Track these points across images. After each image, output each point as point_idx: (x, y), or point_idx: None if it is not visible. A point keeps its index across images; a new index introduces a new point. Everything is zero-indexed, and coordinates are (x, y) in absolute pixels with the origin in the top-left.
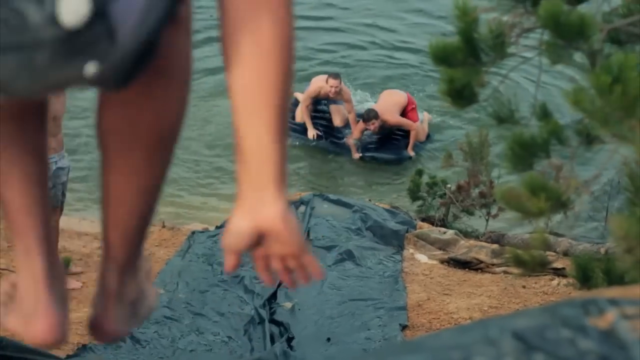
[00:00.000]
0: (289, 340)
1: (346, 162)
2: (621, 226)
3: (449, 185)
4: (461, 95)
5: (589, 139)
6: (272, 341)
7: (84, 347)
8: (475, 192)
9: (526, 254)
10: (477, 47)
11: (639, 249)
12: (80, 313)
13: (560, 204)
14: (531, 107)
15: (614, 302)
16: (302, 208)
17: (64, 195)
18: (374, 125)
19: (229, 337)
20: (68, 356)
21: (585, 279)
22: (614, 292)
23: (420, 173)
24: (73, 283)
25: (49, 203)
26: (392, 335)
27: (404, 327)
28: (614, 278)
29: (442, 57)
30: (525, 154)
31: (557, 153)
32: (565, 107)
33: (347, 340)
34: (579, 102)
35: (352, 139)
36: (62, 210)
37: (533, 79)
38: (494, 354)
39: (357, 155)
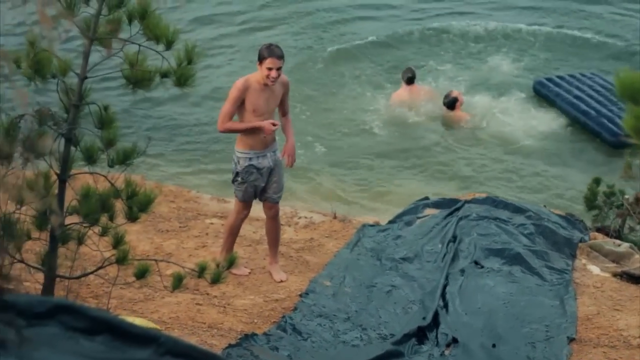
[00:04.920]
0: (454, 342)
1: None
2: None
3: (627, 196)
4: None
5: None
6: (437, 343)
7: (246, 337)
8: None
9: None
10: None
11: None
12: (246, 300)
13: None
14: None
15: None
16: (475, 207)
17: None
18: None
19: (392, 335)
20: (230, 345)
21: None
22: None
23: (597, 182)
24: (241, 269)
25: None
26: (559, 348)
27: (571, 340)
28: None
29: (629, 93)
30: None
31: None
32: None
33: (513, 347)
34: None
35: None
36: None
37: None
38: None
39: None
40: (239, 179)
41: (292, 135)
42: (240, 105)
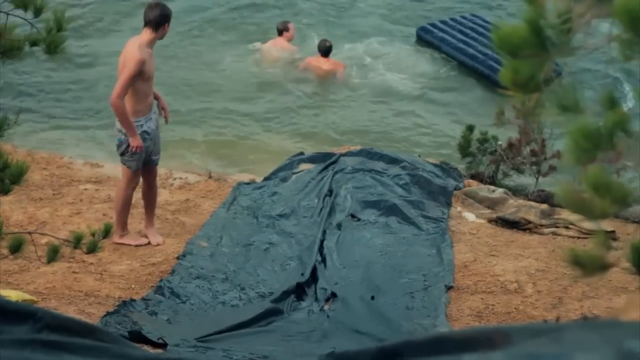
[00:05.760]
0: (333, 296)
1: None
2: None
3: (500, 142)
4: (526, 86)
5: None
6: (316, 298)
7: (124, 303)
8: (526, 150)
9: (585, 256)
10: (544, 37)
11: None
12: (123, 266)
13: (626, 203)
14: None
15: None
16: (350, 160)
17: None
18: None
19: (270, 293)
20: (108, 313)
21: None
22: None
23: (471, 129)
24: (139, 239)
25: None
26: (437, 296)
27: (448, 288)
28: None
29: (507, 46)
30: (589, 145)
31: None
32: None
33: (391, 299)
34: None
35: None
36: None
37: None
38: None
39: None
40: (133, 149)
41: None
42: None
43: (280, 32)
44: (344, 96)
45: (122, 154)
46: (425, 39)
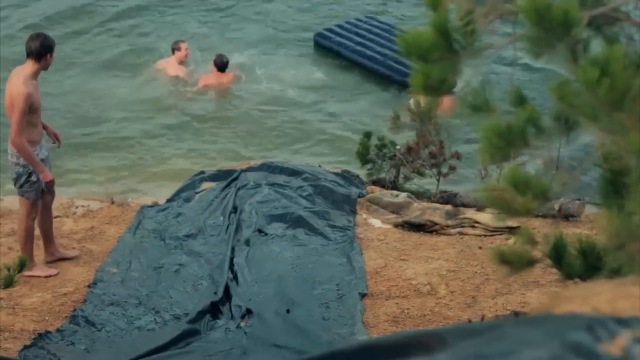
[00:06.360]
0: (248, 313)
1: None
2: (612, 222)
3: (398, 147)
4: (438, 89)
5: (567, 125)
6: (231, 316)
7: (40, 336)
8: (425, 153)
9: (512, 254)
10: (451, 39)
11: (631, 244)
12: (34, 298)
13: (546, 198)
14: (506, 94)
15: (623, 323)
16: (252, 175)
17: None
18: None
19: (186, 314)
20: (25, 346)
21: (558, 258)
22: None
23: (368, 135)
24: (47, 270)
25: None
26: (352, 305)
27: (363, 296)
28: (591, 260)
29: (416, 51)
30: (502, 143)
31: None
32: (536, 96)
33: (307, 310)
34: (564, 96)
35: None
36: (52, 194)
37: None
38: None
39: None
40: (32, 178)
41: None
42: None
43: (172, 51)
44: (238, 111)
45: (20, 186)
46: (323, 44)
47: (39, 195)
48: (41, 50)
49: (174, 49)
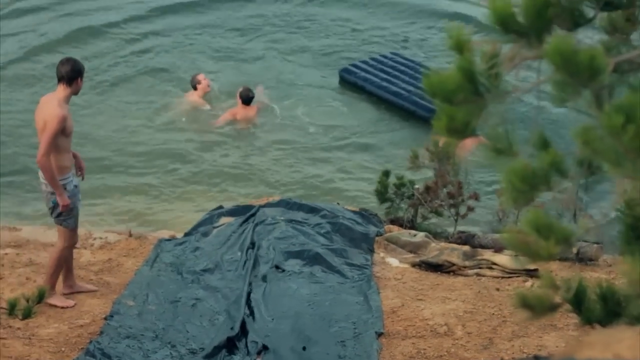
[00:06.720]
0: (264, 349)
1: None
2: (634, 269)
3: (417, 186)
4: (462, 132)
5: (590, 170)
6: (247, 352)
7: None
8: (443, 193)
9: (534, 298)
10: (476, 82)
11: None
12: (50, 329)
13: (569, 244)
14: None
15: None
16: (270, 211)
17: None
18: None
19: (202, 349)
20: None
21: (578, 303)
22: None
23: (387, 174)
24: (65, 301)
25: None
26: (368, 344)
27: (379, 335)
28: (611, 305)
29: (441, 93)
30: (525, 187)
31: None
32: (559, 140)
33: (323, 348)
34: (588, 141)
35: None
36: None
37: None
38: None
39: None
40: (62, 208)
41: None
42: None
43: (194, 87)
44: (260, 146)
45: (57, 215)
46: (348, 80)
47: (77, 222)
48: (72, 75)
49: (194, 85)
